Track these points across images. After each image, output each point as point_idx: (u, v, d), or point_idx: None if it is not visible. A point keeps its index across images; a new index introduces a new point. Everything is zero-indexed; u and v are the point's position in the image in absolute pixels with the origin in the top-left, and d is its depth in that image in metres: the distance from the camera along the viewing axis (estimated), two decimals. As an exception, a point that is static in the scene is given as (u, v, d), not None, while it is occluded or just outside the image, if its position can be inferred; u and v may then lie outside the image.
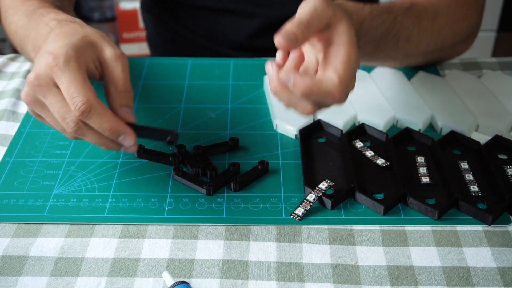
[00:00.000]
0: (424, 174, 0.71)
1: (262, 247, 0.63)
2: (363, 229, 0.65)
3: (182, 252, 0.63)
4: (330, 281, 0.60)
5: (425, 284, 0.59)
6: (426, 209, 0.66)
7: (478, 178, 0.71)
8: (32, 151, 0.76)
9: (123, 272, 0.60)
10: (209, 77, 0.92)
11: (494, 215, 0.65)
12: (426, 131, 0.81)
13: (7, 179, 0.72)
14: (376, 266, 0.61)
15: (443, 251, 0.63)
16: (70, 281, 0.59)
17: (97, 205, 0.68)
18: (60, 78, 0.61)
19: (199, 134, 0.79)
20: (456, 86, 0.87)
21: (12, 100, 0.85)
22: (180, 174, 0.70)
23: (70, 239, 0.64)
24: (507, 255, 0.62)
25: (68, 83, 0.60)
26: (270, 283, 0.59)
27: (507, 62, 0.96)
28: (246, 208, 0.68)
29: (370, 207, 0.68)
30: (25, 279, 0.60)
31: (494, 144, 0.77)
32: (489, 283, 0.59)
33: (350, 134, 0.77)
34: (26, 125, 0.81)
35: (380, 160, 0.73)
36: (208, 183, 0.69)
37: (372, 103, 0.83)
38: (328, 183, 0.68)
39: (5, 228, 0.65)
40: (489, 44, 2.22)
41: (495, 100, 0.84)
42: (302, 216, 0.66)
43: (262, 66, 0.94)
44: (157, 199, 0.69)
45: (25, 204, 0.68)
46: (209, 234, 0.65)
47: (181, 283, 0.57)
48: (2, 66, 0.94)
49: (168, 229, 0.65)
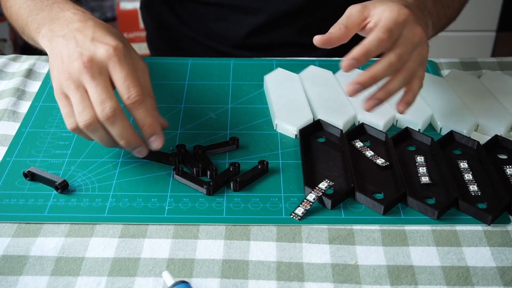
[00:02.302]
0: (424, 174, 0.71)
1: (262, 247, 0.63)
2: (363, 229, 0.65)
3: (182, 252, 0.63)
4: (330, 280, 0.60)
5: (425, 283, 0.59)
6: (426, 209, 0.67)
7: (478, 178, 0.71)
8: (32, 151, 0.76)
9: (123, 271, 0.60)
10: (209, 77, 0.92)
11: (493, 214, 0.65)
12: (426, 131, 0.81)
13: (8, 179, 0.72)
14: (376, 265, 0.61)
15: (443, 250, 0.63)
16: (70, 280, 0.59)
17: (97, 205, 0.68)
18: (118, 69, 0.65)
19: (199, 134, 0.79)
20: (456, 86, 0.87)
21: (13, 100, 0.85)
22: (180, 174, 0.70)
23: (71, 239, 0.64)
24: (506, 254, 0.62)
25: (126, 75, 0.65)
26: (270, 283, 0.59)
27: (507, 62, 0.96)
28: (246, 208, 0.68)
29: (370, 207, 0.68)
30: (26, 278, 0.60)
31: (494, 144, 0.77)
32: (488, 283, 0.59)
33: (350, 134, 0.77)
34: (27, 125, 0.81)
35: (380, 160, 0.73)
36: (208, 183, 0.69)
37: (372, 103, 0.83)
38: (328, 182, 0.69)
39: (6, 228, 0.65)
40: (489, 44, 2.22)
41: (495, 100, 0.84)
42: (302, 215, 0.66)
43: (262, 66, 0.94)
44: (157, 199, 0.69)
45: (26, 203, 0.68)
46: (209, 234, 0.65)
47: (181, 283, 0.58)
48: (2, 66, 0.94)
49: (168, 229, 0.65)
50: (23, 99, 0.86)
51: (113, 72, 0.65)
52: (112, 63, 0.65)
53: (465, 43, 2.21)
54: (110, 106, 0.64)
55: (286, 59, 0.97)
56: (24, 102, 0.86)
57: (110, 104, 0.64)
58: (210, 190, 0.69)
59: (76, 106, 0.65)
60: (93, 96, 0.64)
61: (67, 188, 0.70)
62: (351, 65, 0.68)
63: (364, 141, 0.77)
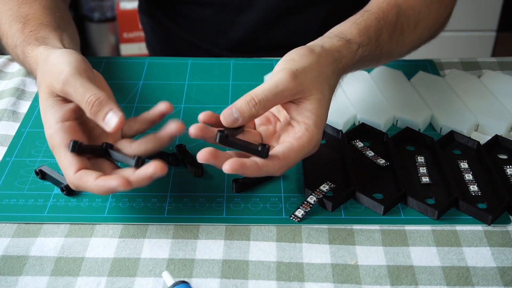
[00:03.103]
0: (424, 174, 0.71)
1: (262, 247, 0.63)
2: (363, 229, 0.65)
3: (182, 252, 0.63)
4: (330, 281, 0.60)
5: (425, 283, 0.59)
6: (426, 209, 0.66)
7: (478, 178, 0.71)
8: (32, 151, 0.76)
9: (123, 272, 0.60)
10: (209, 77, 0.92)
11: (494, 215, 0.65)
12: (426, 131, 0.81)
13: (7, 179, 0.72)
14: (376, 266, 0.61)
15: (443, 250, 0.63)
16: (70, 281, 0.59)
17: (97, 205, 0.68)
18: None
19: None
20: (456, 86, 0.87)
21: (12, 100, 0.85)
22: (228, 140, 0.61)
23: (70, 239, 0.64)
24: (506, 255, 0.62)
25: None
26: (270, 283, 0.59)
27: (507, 62, 0.96)
28: (246, 208, 0.68)
29: (370, 207, 0.68)
30: (25, 278, 0.60)
31: (494, 144, 0.77)
32: (489, 283, 0.59)
33: (350, 134, 0.77)
34: (26, 125, 0.81)
35: (380, 160, 0.73)
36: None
37: (372, 103, 0.83)
38: (329, 185, 0.68)
39: (5, 228, 0.65)
40: (489, 44, 2.22)
41: (495, 100, 0.84)
42: (302, 217, 0.66)
43: (262, 66, 0.94)
44: (157, 199, 0.69)
45: (25, 204, 0.68)
46: (209, 234, 0.65)
47: (181, 283, 0.57)
48: (2, 66, 0.94)
49: (168, 229, 0.65)
50: (23, 99, 0.86)
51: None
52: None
53: (465, 43, 2.21)
54: (68, 181, 0.61)
55: (286, 59, 0.97)
56: (24, 102, 0.86)
57: (68, 179, 0.61)
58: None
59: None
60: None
61: (73, 191, 0.69)
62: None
63: (364, 141, 0.77)
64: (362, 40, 0.70)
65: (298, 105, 0.63)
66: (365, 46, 0.71)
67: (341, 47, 0.68)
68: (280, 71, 0.63)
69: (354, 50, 0.69)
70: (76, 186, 0.60)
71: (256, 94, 0.61)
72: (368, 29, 0.72)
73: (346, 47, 0.68)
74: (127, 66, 0.95)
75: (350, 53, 0.69)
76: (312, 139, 0.62)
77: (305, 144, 0.62)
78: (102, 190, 0.59)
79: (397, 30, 0.76)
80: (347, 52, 0.68)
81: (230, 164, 0.58)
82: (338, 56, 0.67)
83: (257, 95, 0.61)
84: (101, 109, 0.61)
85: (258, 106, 0.61)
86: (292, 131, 0.63)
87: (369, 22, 0.73)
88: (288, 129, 0.64)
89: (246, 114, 0.61)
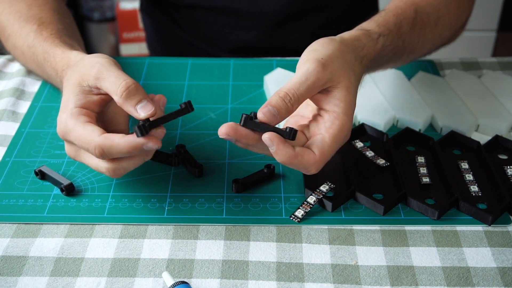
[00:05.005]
0: (424, 174, 0.71)
1: (262, 247, 0.63)
2: (363, 229, 0.65)
3: (182, 252, 0.63)
4: (330, 281, 0.60)
5: (425, 284, 0.59)
6: (426, 209, 0.66)
7: (478, 178, 0.71)
8: (32, 151, 0.76)
9: (123, 272, 0.60)
10: (209, 77, 0.92)
11: (494, 215, 0.65)
12: (426, 131, 0.81)
13: (7, 179, 0.72)
14: (376, 266, 0.61)
15: (443, 251, 0.63)
16: (70, 281, 0.59)
17: (97, 205, 0.68)
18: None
19: (199, 134, 0.79)
20: (456, 86, 0.87)
21: (12, 100, 0.85)
22: (254, 122, 0.61)
23: (70, 239, 0.64)
24: (507, 255, 0.62)
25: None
26: (270, 283, 0.59)
27: (507, 62, 0.96)
28: (246, 208, 0.68)
29: (370, 207, 0.68)
30: (25, 279, 0.60)
31: (494, 144, 0.77)
32: (489, 283, 0.59)
33: (350, 134, 0.77)
34: (26, 125, 0.81)
35: (380, 160, 0.73)
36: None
37: (372, 103, 0.83)
38: (329, 185, 0.68)
39: (5, 228, 0.65)
40: (489, 44, 2.22)
41: (495, 100, 0.84)
42: (302, 218, 0.66)
43: (262, 66, 0.94)
44: (157, 199, 0.69)
45: (25, 204, 0.68)
46: (209, 234, 0.65)
47: (181, 283, 0.57)
48: (2, 66, 0.94)
49: (168, 229, 0.65)
50: (23, 99, 0.86)
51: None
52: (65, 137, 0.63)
53: (465, 43, 2.20)
54: (93, 146, 0.60)
55: (286, 59, 0.97)
56: (23, 102, 0.86)
57: (93, 144, 0.60)
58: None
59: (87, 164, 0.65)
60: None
61: (73, 191, 0.69)
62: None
63: (364, 141, 0.77)
64: (382, 30, 0.71)
65: (326, 95, 0.62)
66: (386, 36, 0.71)
67: (361, 36, 0.68)
68: (307, 61, 0.61)
69: (375, 38, 0.69)
70: (103, 146, 0.59)
71: (288, 88, 0.60)
72: (387, 23, 0.72)
73: (366, 36, 0.68)
74: (127, 66, 0.95)
75: (371, 41, 0.68)
76: (343, 127, 0.61)
77: (337, 133, 0.61)
78: (131, 146, 0.59)
79: (417, 25, 0.76)
80: (367, 40, 0.68)
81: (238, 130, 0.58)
82: (358, 45, 0.67)
83: (289, 90, 0.60)
84: (135, 94, 0.61)
85: (293, 100, 0.60)
86: (321, 121, 0.62)
87: (387, 18, 0.73)
88: (318, 120, 0.62)
89: (283, 111, 0.60)
